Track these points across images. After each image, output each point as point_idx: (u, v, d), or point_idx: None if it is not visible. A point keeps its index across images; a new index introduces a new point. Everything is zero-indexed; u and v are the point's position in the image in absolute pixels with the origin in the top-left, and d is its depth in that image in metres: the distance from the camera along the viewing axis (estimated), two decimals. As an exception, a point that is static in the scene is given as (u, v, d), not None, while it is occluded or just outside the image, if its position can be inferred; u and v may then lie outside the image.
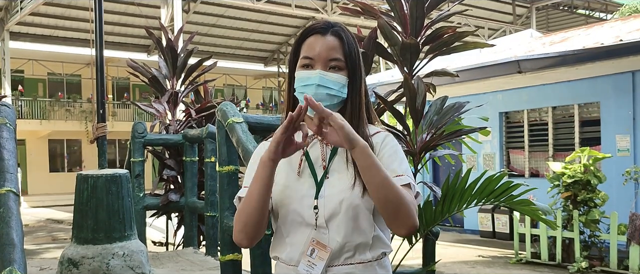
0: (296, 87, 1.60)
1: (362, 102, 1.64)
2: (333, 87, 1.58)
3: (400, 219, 1.49)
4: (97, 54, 4.63)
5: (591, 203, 8.11)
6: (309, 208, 1.57)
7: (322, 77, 1.57)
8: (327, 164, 1.61)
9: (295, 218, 1.59)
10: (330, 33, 1.61)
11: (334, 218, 1.56)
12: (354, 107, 1.61)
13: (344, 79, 1.59)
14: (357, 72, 1.62)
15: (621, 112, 9.42)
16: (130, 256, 3.10)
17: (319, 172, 1.60)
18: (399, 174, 1.55)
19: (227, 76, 30.13)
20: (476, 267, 8.58)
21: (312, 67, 1.59)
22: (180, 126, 5.78)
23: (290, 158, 1.63)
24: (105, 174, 3.09)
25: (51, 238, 13.33)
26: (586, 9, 28.54)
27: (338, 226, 1.55)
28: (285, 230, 1.62)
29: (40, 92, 26.50)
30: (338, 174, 1.59)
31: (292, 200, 1.59)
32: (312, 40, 1.61)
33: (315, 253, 1.56)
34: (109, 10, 20.80)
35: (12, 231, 2.06)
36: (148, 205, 5.40)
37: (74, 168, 26.76)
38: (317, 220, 1.56)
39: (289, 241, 1.61)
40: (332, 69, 1.59)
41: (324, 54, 1.58)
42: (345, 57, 1.60)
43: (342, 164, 1.59)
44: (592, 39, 9.59)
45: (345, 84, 1.59)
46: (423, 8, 3.46)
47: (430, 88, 3.63)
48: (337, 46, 1.60)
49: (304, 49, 1.61)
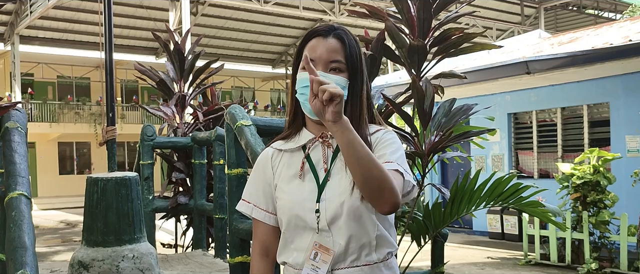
0: (296, 89, 1.61)
1: (363, 105, 1.64)
2: None
3: (383, 196, 1.47)
4: (107, 58, 4.67)
5: (601, 204, 8.07)
6: (310, 212, 1.58)
7: (322, 78, 1.58)
8: (328, 166, 1.61)
9: (298, 223, 1.60)
10: (332, 36, 1.62)
11: (336, 221, 1.56)
12: (353, 109, 1.61)
13: (344, 81, 1.59)
14: (358, 75, 1.62)
15: (631, 112, 9.36)
16: (140, 259, 3.11)
17: (320, 174, 1.61)
18: (388, 161, 1.55)
19: (235, 78, 30.20)
20: (485, 268, 8.55)
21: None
22: (189, 129, 5.80)
23: (290, 163, 1.65)
24: (114, 177, 3.10)
25: (61, 240, 13.41)
26: (595, 8, 28.39)
27: (340, 228, 1.56)
28: (290, 236, 1.63)
29: (50, 95, 26.66)
30: (338, 175, 1.59)
31: (295, 205, 1.60)
32: (314, 42, 1.62)
33: (318, 257, 1.57)
34: (118, 13, 20.93)
35: (24, 234, 2.08)
36: (157, 207, 5.42)
37: (83, 171, 26.90)
38: (319, 223, 1.57)
39: (294, 247, 1.62)
40: (333, 71, 1.59)
41: (325, 55, 1.59)
42: (346, 59, 1.60)
43: (343, 165, 1.59)
44: (601, 39, 9.55)
45: (345, 86, 1.59)
46: (430, 10, 3.46)
47: (438, 90, 3.63)
48: (338, 48, 1.60)
49: (306, 52, 1.62)
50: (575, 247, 8.31)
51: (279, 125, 3.43)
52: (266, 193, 1.69)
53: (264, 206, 1.69)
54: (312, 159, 1.63)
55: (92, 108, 26.15)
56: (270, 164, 1.69)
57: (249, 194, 1.72)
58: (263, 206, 1.69)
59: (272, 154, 1.71)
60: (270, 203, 1.69)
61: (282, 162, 1.68)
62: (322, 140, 1.63)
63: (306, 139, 1.65)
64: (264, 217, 1.69)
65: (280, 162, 1.68)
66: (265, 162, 1.71)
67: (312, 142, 1.64)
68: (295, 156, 1.66)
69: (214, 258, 4.96)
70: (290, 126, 1.69)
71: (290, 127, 1.69)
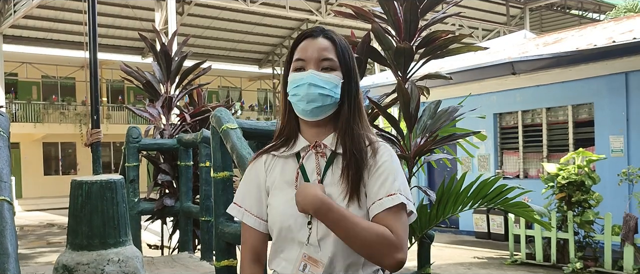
0: (289, 91, 1.60)
1: (360, 104, 1.63)
2: (325, 86, 1.56)
3: (385, 258, 1.49)
4: (91, 58, 4.62)
5: (585, 204, 8.13)
6: (302, 225, 1.55)
7: (313, 76, 1.56)
8: (321, 177, 1.59)
9: (287, 234, 1.58)
10: (322, 36, 1.62)
11: (326, 237, 1.54)
12: (350, 109, 1.59)
13: (337, 79, 1.58)
14: (352, 74, 1.61)
15: (615, 113, 9.45)
16: (125, 262, 3.09)
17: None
18: (391, 193, 1.53)
19: (222, 77, 30.09)
20: (471, 268, 8.60)
21: (304, 69, 1.59)
22: (175, 130, 5.77)
23: (284, 171, 1.62)
24: (99, 181, 3.08)
25: (46, 242, 13.29)
26: (579, 9, 28.64)
27: (329, 244, 1.54)
28: (280, 245, 1.61)
29: (35, 95, 26.40)
30: (330, 188, 1.56)
31: (288, 217, 1.57)
32: (304, 44, 1.61)
33: (307, 269, 1.55)
34: (103, 12, 20.76)
35: (6, 240, 2.06)
36: (143, 210, 5.39)
37: (68, 171, 26.68)
38: (310, 237, 1.55)
39: (284, 256, 1.60)
40: (325, 69, 1.58)
41: (316, 54, 1.58)
42: (338, 57, 1.60)
43: (336, 177, 1.57)
44: (586, 40, 9.63)
45: (338, 85, 1.58)
46: (417, 12, 3.47)
47: (424, 90, 3.64)
48: (328, 47, 1.60)
49: (296, 53, 1.61)
50: (560, 246, 8.37)
51: (265, 128, 3.41)
52: (259, 199, 1.66)
53: (256, 212, 1.66)
54: (306, 168, 1.60)
55: (77, 108, 25.94)
56: (264, 169, 1.67)
57: (241, 198, 1.69)
58: (255, 212, 1.66)
59: (265, 159, 1.68)
60: (262, 210, 1.65)
61: (275, 168, 1.65)
62: (316, 151, 1.61)
63: (300, 146, 1.62)
64: (254, 223, 1.66)
65: (274, 168, 1.65)
66: (259, 167, 1.68)
67: (306, 150, 1.62)
68: (288, 163, 1.63)
69: (200, 261, 4.94)
70: (283, 130, 1.67)
71: (284, 131, 1.66)
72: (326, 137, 1.61)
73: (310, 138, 1.62)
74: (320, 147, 1.60)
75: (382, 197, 1.52)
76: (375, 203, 1.53)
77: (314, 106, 1.56)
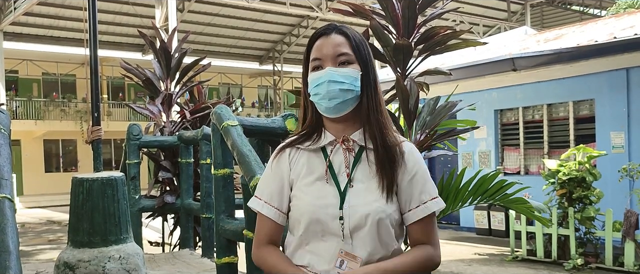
0: (310, 91, 1.61)
1: (380, 96, 1.63)
2: (345, 81, 1.57)
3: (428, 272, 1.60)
4: (92, 55, 4.62)
5: (586, 200, 8.13)
6: (333, 218, 1.55)
7: (331, 73, 1.57)
8: (350, 171, 1.59)
9: (317, 227, 1.57)
10: (335, 32, 1.63)
11: (358, 231, 1.55)
12: (370, 101, 1.60)
13: (356, 72, 1.59)
14: (369, 66, 1.62)
15: (616, 109, 9.44)
16: (126, 259, 3.09)
17: (341, 180, 1.59)
18: (434, 197, 1.61)
19: (222, 74, 30.09)
20: (472, 265, 8.61)
21: (322, 67, 1.60)
22: (175, 128, 5.77)
23: (310, 164, 1.63)
24: (100, 178, 3.08)
25: (47, 239, 13.31)
26: (580, 5, 28.59)
27: (362, 239, 1.55)
28: (306, 238, 1.59)
29: (35, 92, 26.43)
30: (362, 184, 1.58)
31: (317, 209, 1.57)
32: (319, 43, 1.62)
33: (345, 265, 1.55)
34: (103, 9, 20.75)
35: (7, 237, 2.06)
36: (144, 207, 5.40)
37: (69, 168, 26.71)
38: (343, 231, 1.55)
39: (309, 249, 1.59)
40: (342, 64, 1.59)
41: (332, 51, 1.59)
42: (354, 51, 1.60)
43: (367, 172, 1.59)
44: (587, 36, 9.62)
45: (357, 78, 1.59)
46: (415, 8, 3.47)
47: (424, 87, 3.64)
48: (343, 42, 1.61)
49: (312, 53, 1.62)
50: (561, 243, 8.37)
51: (265, 125, 3.41)
52: (280, 192, 1.65)
53: (277, 204, 1.65)
54: (334, 163, 1.61)
55: (78, 105, 25.96)
56: (288, 162, 1.66)
57: (261, 191, 1.68)
58: (276, 204, 1.65)
59: (289, 152, 1.68)
60: (284, 203, 1.65)
61: (300, 161, 1.65)
62: (345, 146, 1.61)
63: (327, 140, 1.63)
64: (274, 215, 1.65)
65: (299, 161, 1.65)
66: (283, 160, 1.67)
67: (333, 145, 1.62)
68: (315, 157, 1.63)
69: (201, 258, 4.95)
70: (306, 126, 1.67)
71: (308, 126, 1.66)
72: (353, 133, 1.62)
73: (335, 133, 1.63)
74: (349, 141, 1.61)
75: (427, 200, 1.60)
76: (420, 207, 1.60)
77: (336, 102, 1.57)
